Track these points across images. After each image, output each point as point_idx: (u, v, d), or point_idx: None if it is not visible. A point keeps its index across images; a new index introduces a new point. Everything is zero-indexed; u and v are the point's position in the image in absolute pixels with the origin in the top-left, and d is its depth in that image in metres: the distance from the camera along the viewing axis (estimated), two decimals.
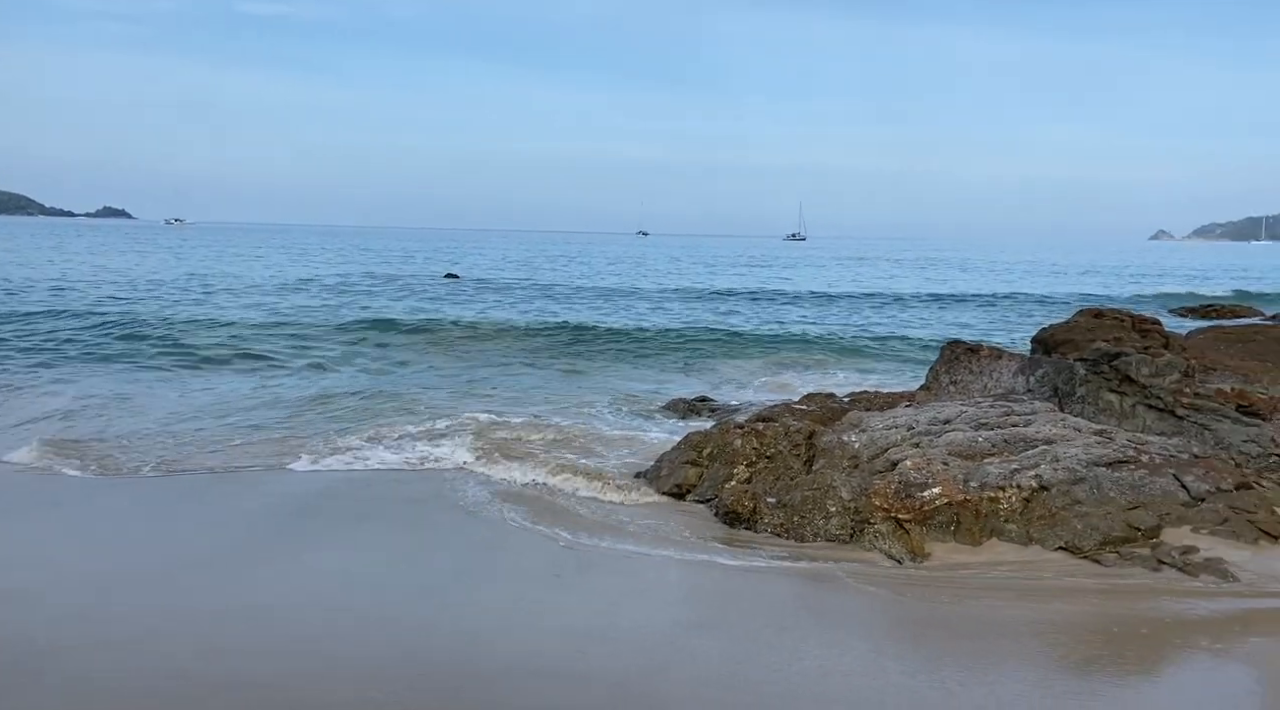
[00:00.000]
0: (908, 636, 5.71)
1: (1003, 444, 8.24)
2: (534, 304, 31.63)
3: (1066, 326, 11.42)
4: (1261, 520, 7.14)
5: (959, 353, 11.79)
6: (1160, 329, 10.60)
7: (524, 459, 9.75)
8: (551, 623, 5.69)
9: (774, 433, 9.53)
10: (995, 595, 6.28)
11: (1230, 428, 8.80)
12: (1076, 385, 9.96)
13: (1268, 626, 5.43)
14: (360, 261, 59.02)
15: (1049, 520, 7.19)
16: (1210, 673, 4.78)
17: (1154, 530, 7.06)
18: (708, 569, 6.82)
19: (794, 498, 7.84)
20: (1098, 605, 5.98)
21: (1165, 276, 65.99)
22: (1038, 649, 5.27)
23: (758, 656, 5.19)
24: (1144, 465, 7.81)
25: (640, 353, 19.11)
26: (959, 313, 34.57)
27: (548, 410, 12.64)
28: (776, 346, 20.32)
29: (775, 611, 5.95)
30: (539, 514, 7.99)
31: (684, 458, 9.46)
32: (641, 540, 7.40)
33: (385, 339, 19.97)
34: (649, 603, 6.11)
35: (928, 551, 7.11)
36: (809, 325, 26.80)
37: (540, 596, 6.13)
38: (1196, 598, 6.05)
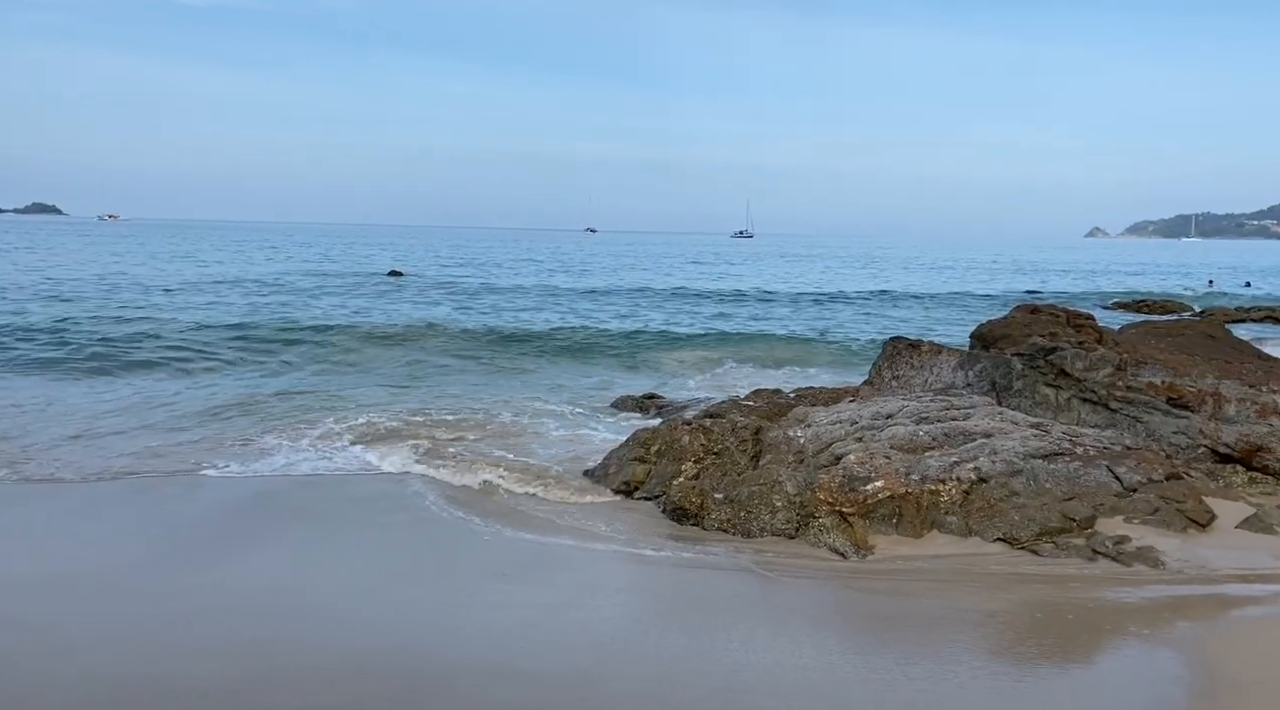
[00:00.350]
0: (852, 629, 5.79)
1: (943, 437, 8.39)
2: (479, 301, 31.40)
3: (1004, 322, 11.67)
4: (1190, 509, 7.37)
5: (901, 348, 11.97)
6: (1094, 324, 10.89)
7: (467, 459, 9.67)
8: (499, 621, 5.66)
9: (721, 429, 9.58)
10: (937, 587, 6.40)
11: (1161, 419, 9.08)
12: (1014, 379, 10.18)
13: (1196, 612, 5.62)
14: (301, 259, 57.99)
15: (988, 512, 7.35)
16: (1142, 657, 4.93)
17: (1089, 520, 7.25)
18: (656, 566, 6.84)
19: (741, 493, 7.89)
20: (1036, 595, 6.12)
21: (1100, 273, 67.81)
22: (979, 638, 5.38)
23: (706, 651, 5.22)
24: (1079, 457, 8.01)
25: (585, 351, 19.07)
26: (900, 309, 35.12)
27: (492, 409, 12.56)
28: (721, 344, 20.42)
29: (723, 607, 5.99)
30: (485, 513, 7.94)
31: (632, 455, 9.47)
32: (589, 538, 7.39)
33: (324, 339, 19.61)
34: (597, 600, 6.11)
35: (871, 544, 7.21)
36: (755, 322, 27.01)
37: (488, 595, 6.09)
38: (1129, 586, 6.23)
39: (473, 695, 4.66)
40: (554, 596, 6.12)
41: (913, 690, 4.63)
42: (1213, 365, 9.46)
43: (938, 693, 4.61)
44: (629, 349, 19.66)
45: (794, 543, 7.36)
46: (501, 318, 25.19)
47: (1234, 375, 9.25)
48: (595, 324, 24.68)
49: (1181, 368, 9.40)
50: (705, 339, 21.40)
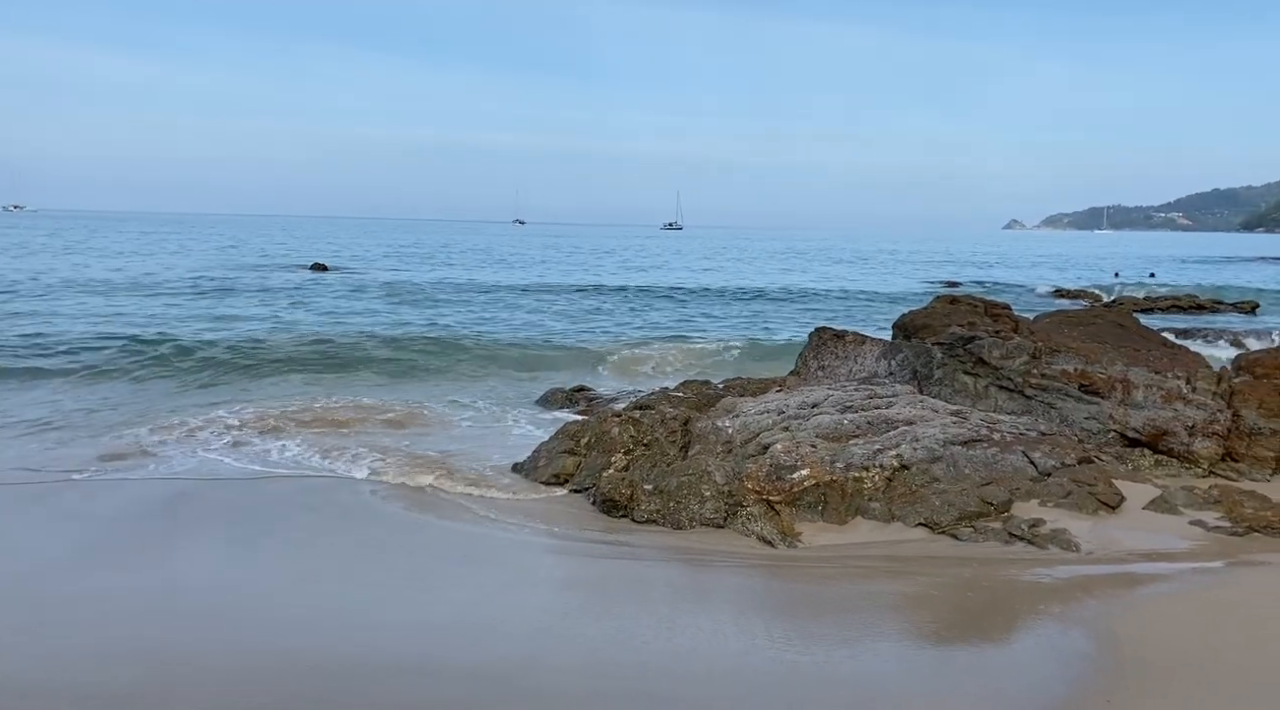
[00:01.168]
0: (780, 615, 5.88)
1: (866, 426, 8.56)
2: (405, 297, 30.94)
3: (925, 312, 11.93)
4: (1101, 492, 7.65)
5: (826, 338, 12.17)
6: (1010, 313, 11.20)
7: (394, 454, 9.54)
8: (425, 616, 5.60)
9: (651, 420, 9.62)
10: (861, 572, 6.53)
11: (1073, 406, 9.40)
12: (934, 368, 10.44)
13: (1106, 591, 5.84)
14: (218, 253, 56.36)
15: (910, 498, 7.52)
16: (1055, 635, 5.11)
17: (1005, 504, 7.48)
18: (585, 557, 6.85)
19: (670, 484, 7.94)
20: (956, 577, 6.29)
21: (1016, 263, 69.89)
22: (902, 621, 5.51)
23: (636, 641, 5.24)
24: (996, 443, 8.25)
25: (512, 347, 18.83)
26: (825, 300, 35.68)
27: (416, 405, 12.39)
28: (645, 340, 20.39)
29: (652, 597, 6.02)
30: (411, 507, 7.84)
31: (561, 448, 9.44)
32: (518, 531, 7.36)
33: (238, 337, 19.03)
34: (526, 594, 6.09)
35: (798, 532, 7.33)
36: (678, 315, 27.15)
37: (415, 592, 6.02)
38: (1044, 567, 6.45)
39: (398, 690, 4.60)
40: (482, 590, 6.08)
41: (839, 672, 4.72)
42: (1122, 353, 9.83)
43: (863, 674, 4.71)
44: (553, 345, 19.53)
45: (723, 532, 7.43)
46: (426, 315, 24.83)
47: (1142, 362, 9.62)
48: (520, 318, 24.53)
49: (1093, 355, 9.74)
50: (625, 337, 21.28)
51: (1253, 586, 5.76)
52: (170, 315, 22.40)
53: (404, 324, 22.14)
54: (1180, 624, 5.17)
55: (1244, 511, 7.33)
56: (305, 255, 54.35)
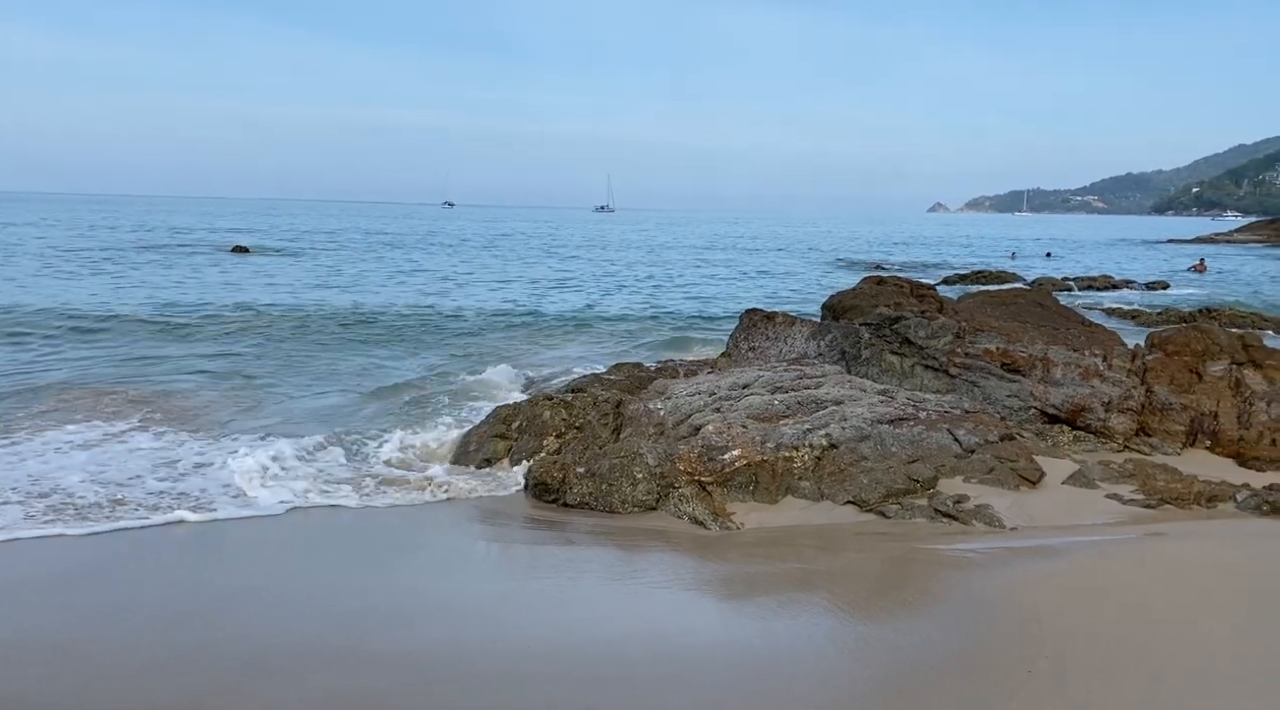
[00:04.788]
0: (714, 594, 5.90)
1: (796, 406, 8.64)
2: (330, 280, 30.29)
3: (853, 293, 12.11)
4: (1022, 468, 7.86)
5: (756, 320, 12.26)
6: (935, 294, 11.43)
7: (320, 436, 9.33)
8: (351, 604, 5.47)
9: (583, 403, 9.58)
10: (792, 549, 6.60)
11: (996, 384, 9.63)
12: (862, 348, 10.59)
13: (1028, 564, 5.99)
14: (134, 232, 54.40)
15: (838, 476, 7.63)
16: (978, 606, 5.22)
17: (931, 481, 7.63)
18: (517, 542, 6.78)
19: (602, 466, 7.91)
20: (884, 553, 6.39)
21: (941, 245, 71.45)
22: (831, 597, 5.57)
23: (568, 625, 5.21)
24: (922, 421, 8.41)
25: (431, 333, 18.47)
26: (757, 280, 35.98)
27: (337, 390, 12.14)
28: (579, 327, 20.29)
29: (585, 580, 5.99)
30: (335, 491, 7.66)
31: (493, 432, 9.35)
32: (448, 516, 7.25)
33: (158, 324, 18.44)
34: (456, 580, 6.00)
35: (729, 512, 7.37)
36: (605, 301, 27.10)
37: (340, 579, 5.89)
38: (969, 541, 6.59)
39: (324, 679, 4.49)
40: (411, 577, 5.98)
41: (772, 648, 4.76)
42: (1042, 332, 10.10)
43: (795, 649, 4.76)
44: (479, 331, 19.25)
45: (655, 514, 7.44)
46: (353, 299, 24.34)
47: (1061, 341, 9.89)
48: (445, 305, 24.21)
49: (1014, 335, 9.99)
50: (560, 323, 21.14)
51: (1165, 556, 5.97)
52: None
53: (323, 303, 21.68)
54: (1098, 595, 5.32)
55: (1156, 484, 7.61)
56: (226, 236, 52.82)
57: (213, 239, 50.84)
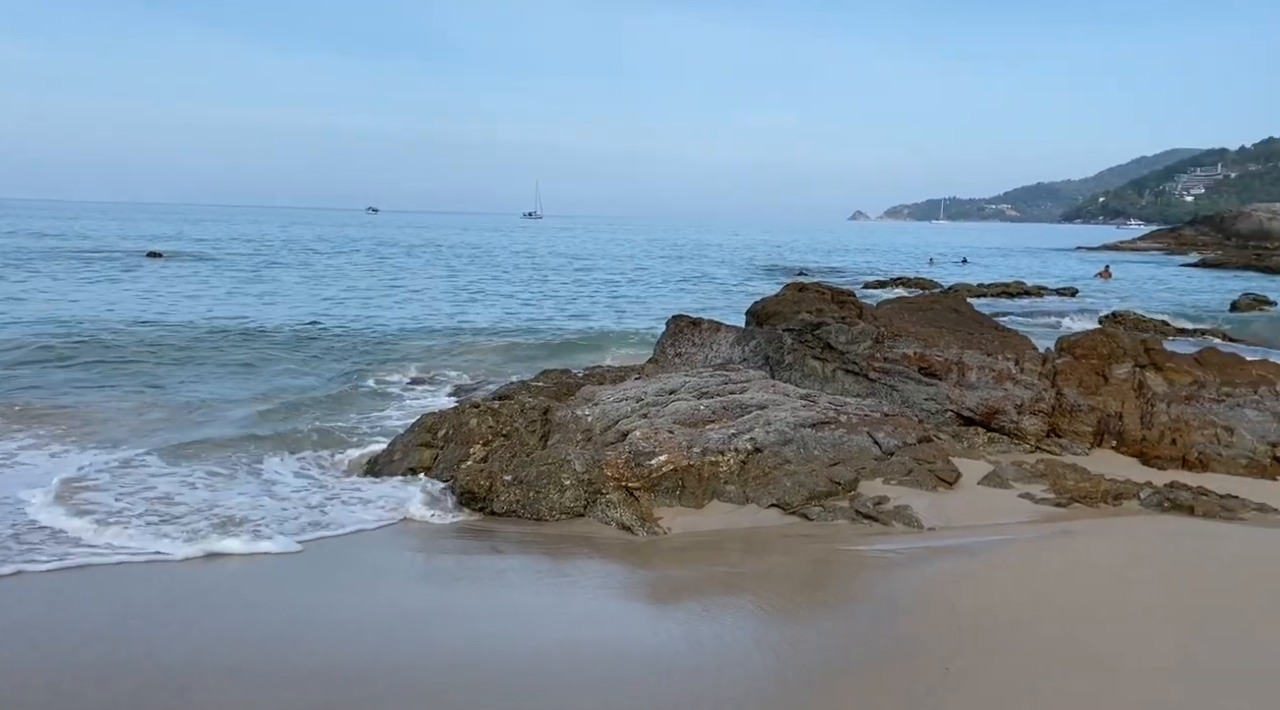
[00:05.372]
0: (641, 599, 5.94)
1: (722, 411, 8.74)
2: (243, 288, 29.55)
3: (776, 299, 12.29)
4: (939, 469, 8.08)
5: (683, 326, 12.36)
6: (855, 300, 11.67)
7: (232, 444, 9.11)
8: (271, 619, 5.36)
9: (510, 410, 9.52)
10: (718, 553, 6.68)
11: (914, 388, 9.89)
12: (785, 353, 10.76)
13: (945, 562, 6.17)
14: (37, 239, 52.24)
15: (763, 480, 7.74)
16: (899, 606, 5.36)
17: (852, 483, 7.80)
18: (443, 552, 6.71)
19: (530, 473, 7.89)
20: (807, 554, 6.52)
21: (863, 252, 73.05)
22: (758, 598, 5.65)
23: (496, 634, 5.18)
24: (843, 425, 8.58)
25: (348, 342, 17.88)
26: (684, 286, 36.27)
27: (254, 401, 11.87)
28: (502, 337, 20.08)
29: (513, 588, 5.97)
30: (246, 499, 7.48)
31: (418, 440, 9.23)
32: (371, 526, 7.14)
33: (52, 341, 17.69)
34: (380, 591, 5.92)
35: (657, 517, 7.42)
36: (527, 309, 27.01)
37: (257, 596, 5.75)
38: (889, 542, 6.76)
39: (239, 697, 4.38)
40: (330, 590, 5.87)
41: (699, 652, 4.81)
42: (957, 337, 10.41)
43: (722, 652, 4.81)
44: (401, 342, 18.89)
45: (583, 520, 7.45)
46: (263, 311, 23.76)
47: (975, 345, 10.21)
48: (368, 311, 23.83)
49: (931, 340, 10.27)
50: (487, 332, 20.90)
51: (1074, 553, 6.21)
52: None
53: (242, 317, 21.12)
54: (1011, 591, 5.51)
55: (1066, 483, 7.90)
56: (141, 242, 51.14)
57: (124, 245, 49.15)
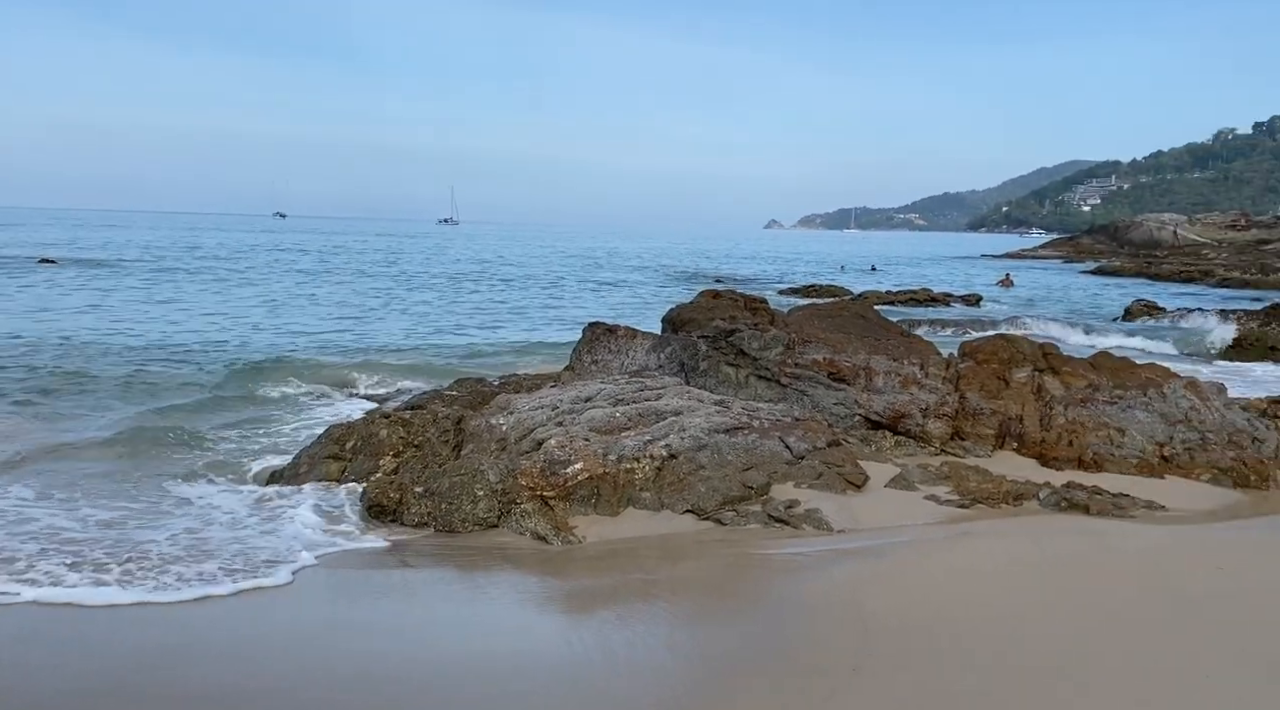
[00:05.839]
0: (555, 610, 5.90)
1: (637, 418, 8.76)
2: (140, 296, 28.47)
3: (691, 306, 12.40)
4: (848, 472, 8.25)
5: (599, 333, 12.36)
6: (767, 307, 11.86)
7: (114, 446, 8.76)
8: (160, 638, 5.15)
9: (422, 420, 9.39)
10: (633, 560, 6.68)
11: (823, 393, 10.08)
12: (700, 360, 10.86)
13: (853, 564, 6.29)
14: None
15: (678, 486, 7.78)
16: (809, 609, 5.44)
17: (764, 488, 7.90)
18: (345, 567, 6.55)
19: (442, 485, 7.77)
20: (720, 560, 6.57)
21: (777, 260, 74.29)
22: (671, 605, 5.67)
23: (407, 650, 5.08)
24: (756, 430, 8.69)
25: (253, 357, 17.19)
26: (601, 293, 36.31)
27: (143, 414, 11.44)
28: (415, 350, 19.69)
29: (424, 602, 5.87)
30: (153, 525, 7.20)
31: (325, 452, 9.03)
32: (273, 542, 6.93)
33: None
34: (280, 608, 5.74)
35: (572, 526, 7.39)
36: (443, 319, 26.69)
37: (145, 613, 5.52)
38: (799, 543, 6.87)
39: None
40: (225, 606, 5.68)
41: (609, 662, 4.80)
42: (865, 343, 10.64)
43: (637, 659, 4.81)
44: (315, 353, 18.36)
45: (497, 531, 7.37)
46: (156, 321, 22.94)
47: (882, 351, 10.46)
48: (272, 319, 23.21)
49: (840, 346, 10.48)
50: (399, 343, 20.42)
51: (976, 554, 6.40)
52: None
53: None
54: (916, 591, 5.65)
55: (969, 485, 8.15)
56: (30, 248, 48.81)
57: (10, 251, 46.82)
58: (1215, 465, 8.88)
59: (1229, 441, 9.06)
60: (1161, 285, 50.79)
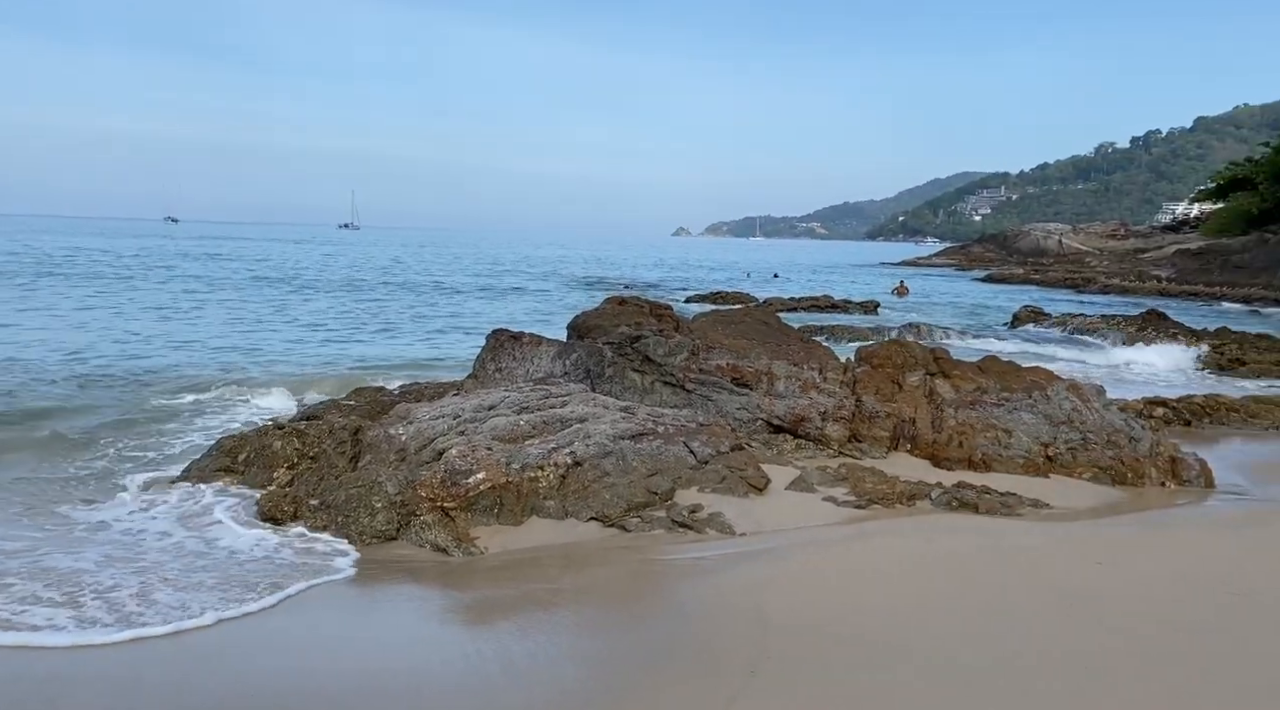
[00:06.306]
0: (455, 623, 5.81)
1: (542, 425, 8.69)
2: (8, 306, 26.99)
3: (597, 313, 12.39)
4: (750, 476, 8.35)
5: (503, 340, 12.23)
6: (672, 314, 11.94)
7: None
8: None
9: (318, 431, 9.14)
10: (537, 570, 6.62)
11: (727, 398, 10.19)
12: (605, 366, 10.85)
13: (754, 566, 6.36)
14: None
15: (582, 493, 7.75)
16: (711, 612, 5.48)
17: (669, 493, 7.94)
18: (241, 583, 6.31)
19: (338, 497, 7.57)
20: (624, 566, 6.56)
21: (684, 267, 74.98)
22: (574, 614, 5.64)
23: (292, 669, 4.92)
24: (660, 435, 8.73)
25: (136, 368, 16.21)
26: (506, 299, 36.02)
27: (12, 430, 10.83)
28: (311, 356, 19.25)
29: (313, 618, 5.69)
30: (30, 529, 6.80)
31: (216, 465, 8.72)
32: (158, 558, 6.63)
33: None
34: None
35: (474, 537, 7.28)
36: (341, 327, 26.10)
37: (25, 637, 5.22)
38: (702, 548, 6.91)
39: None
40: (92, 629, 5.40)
41: (509, 675, 4.73)
42: (767, 348, 10.81)
43: (540, 670, 4.76)
44: (197, 362, 17.75)
45: (396, 543, 7.21)
46: (27, 332, 21.79)
47: (783, 356, 10.64)
48: (167, 332, 22.30)
49: (743, 351, 10.63)
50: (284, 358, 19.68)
51: (872, 552, 6.56)
52: None
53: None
54: (816, 593, 5.75)
55: (865, 486, 8.34)
56: None
57: None
58: (1096, 464, 9.32)
59: (1108, 441, 9.51)
60: (1048, 292, 53.21)
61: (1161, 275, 57.00)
